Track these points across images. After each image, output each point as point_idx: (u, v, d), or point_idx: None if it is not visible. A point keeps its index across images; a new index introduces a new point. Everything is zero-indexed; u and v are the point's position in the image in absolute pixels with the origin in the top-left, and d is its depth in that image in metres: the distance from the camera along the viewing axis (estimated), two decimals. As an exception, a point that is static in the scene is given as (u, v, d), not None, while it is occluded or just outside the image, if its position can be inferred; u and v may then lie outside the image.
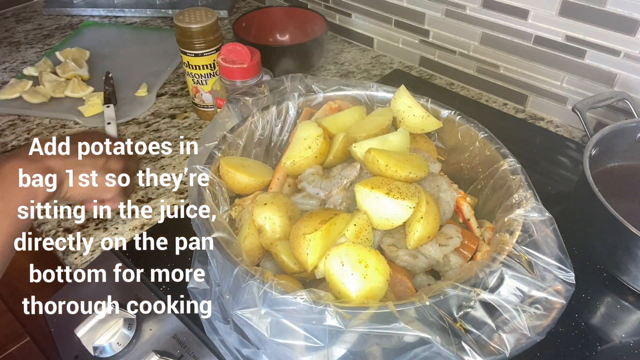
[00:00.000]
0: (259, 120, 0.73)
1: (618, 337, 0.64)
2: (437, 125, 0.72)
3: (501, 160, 0.64)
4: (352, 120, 0.71)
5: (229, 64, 0.83)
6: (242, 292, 0.49)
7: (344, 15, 1.26)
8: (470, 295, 0.49)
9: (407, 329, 0.45)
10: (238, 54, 0.83)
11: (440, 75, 1.16)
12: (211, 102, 0.98)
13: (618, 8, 0.84)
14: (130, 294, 0.67)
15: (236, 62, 0.83)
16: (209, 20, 0.92)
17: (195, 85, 0.98)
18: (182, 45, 0.95)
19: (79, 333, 0.60)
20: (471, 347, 0.47)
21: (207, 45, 0.94)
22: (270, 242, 0.60)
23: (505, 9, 0.97)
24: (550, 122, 1.01)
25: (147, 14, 1.40)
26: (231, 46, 0.84)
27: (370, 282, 0.51)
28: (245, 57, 0.83)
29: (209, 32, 0.93)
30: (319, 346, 0.48)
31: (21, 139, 0.98)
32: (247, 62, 0.83)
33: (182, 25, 0.92)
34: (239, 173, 0.66)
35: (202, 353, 0.61)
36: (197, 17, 0.92)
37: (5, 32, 1.35)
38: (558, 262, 0.53)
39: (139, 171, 0.69)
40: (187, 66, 0.97)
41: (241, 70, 0.83)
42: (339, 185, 0.62)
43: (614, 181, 0.81)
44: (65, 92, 1.07)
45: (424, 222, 0.55)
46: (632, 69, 0.87)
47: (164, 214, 0.82)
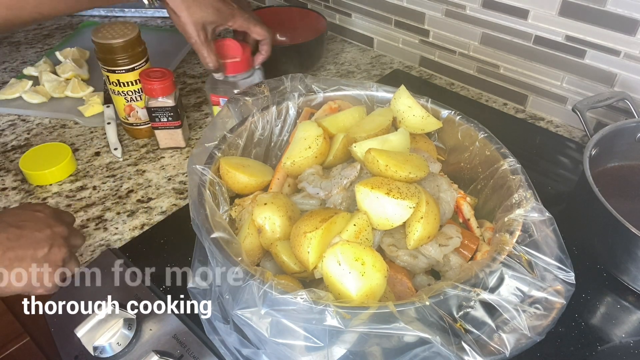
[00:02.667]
0: (259, 120, 0.73)
1: (618, 337, 0.64)
2: (437, 125, 0.72)
3: (501, 160, 0.64)
4: (352, 120, 0.71)
5: (221, 59, 0.83)
6: (242, 292, 0.49)
7: (344, 15, 1.26)
8: (470, 295, 0.49)
9: (407, 329, 0.45)
10: (230, 49, 0.84)
11: (440, 75, 1.16)
12: (146, 118, 0.93)
13: (618, 8, 0.84)
14: (130, 294, 0.67)
15: (228, 57, 0.83)
16: (133, 32, 0.86)
17: (129, 103, 0.92)
18: (108, 63, 0.87)
19: (79, 333, 0.60)
20: (471, 347, 0.47)
21: (137, 57, 0.88)
22: (270, 242, 0.60)
23: (505, 9, 0.97)
24: (550, 122, 1.01)
25: (147, 14, 1.40)
26: (221, 42, 0.84)
27: (369, 280, 0.51)
28: (237, 52, 0.83)
29: (137, 44, 0.87)
30: (319, 346, 0.48)
31: (21, 139, 0.98)
32: (239, 56, 0.83)
33: (104, 41, 0.84)
34: (239, 173, 0.66)
35: (202, 353, 0.61)
36: (119, 32, 0.86)
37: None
38: (558, 262, 0.53)
39: (83, 244, 0.68)
40: (117, 85, 0.89)
41: (234, 65, 0.84)
42: (339, 185, 0.62)
43: (614, 181, 0.81)
44: (65, 92, 1.07)
45: (424, 222, 0.55)
46: (632, 69, 0.87)
47: (164, 214, 0.82)
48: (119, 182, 0.88)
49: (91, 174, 0.90)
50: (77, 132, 0.99)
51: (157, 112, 0.89)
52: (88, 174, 0.90)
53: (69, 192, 0.86)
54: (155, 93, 0.86)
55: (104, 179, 0.88)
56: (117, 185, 0.87)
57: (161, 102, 0.88)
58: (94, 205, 0.83)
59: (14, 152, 0.95)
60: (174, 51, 1.21)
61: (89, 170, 0.90)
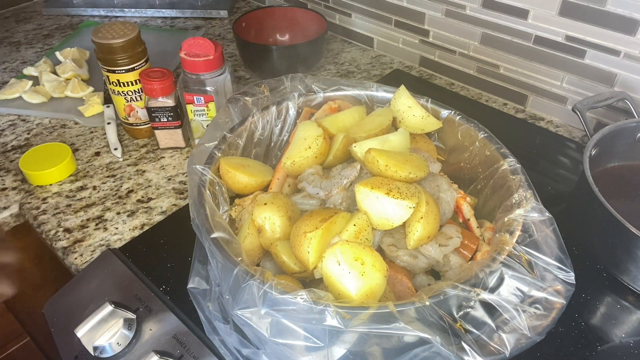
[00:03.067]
0: (259, 120, 0.73)
1: (618, 337, 0.64)
2: (437, 125, 0.72)
3: (501, 160, 0.64)
4: (352, 120, 0.71)
5: (193, 58, 0.83)
6: (242, 292, 0.49)
7: (344, 15, 1.26)
8: (470, 295, 0.49)
9: (407, 329, 0.45)
10: (202, 47, 0.84)
11: (440, 75, 1.16)
12: (146, 118, 0.94)
13: (618, 8, 0.84)
14: (130, 294, 0.67)
15: (201, 55, 0.83)
16: (133, 32, 0.86)
17: (129, 103, 0.92)
18: (108, 63, 0.87)
19: (79, 333, 0.60)
20: (471, 347, 0.47)
21: (137, 57, 0.88)
22: (270, 242, 0.60)
23: (505, 9, 0.97)
24: (550, 122, 1.01)
25: (147, 14, 1.40)
26: (193, 40, 0.84)
27: (369, 280, 0.51)
28: (210, 50, 0.84)
29: (137, 44, 0.87)
30: (319, 346, 0.48)
31: (21, 139, 0.98)
32: (212, 55, 0.84)
33: (104, 41, 0.84)
34: (239, 173, 0.66)
35: (202, 353, 0.61)
36: (119, 32, 0.86)
37: (5, 32, 1.35)
38: (558, 262, 0.53)
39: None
40: (117, 85, 0.89)
41: (207, 63, 0.84)
42: (339, 185, 0.62)
43: (614, 181, 0.81)
44: (65, 92, 1.07)
45: (424, 222, 0.55)
46: (632, 69, 0.87)
47: (164, 214, 0.82)
48: (119, 182, 0.88)
49: (91, 174, 0.90)
50: (77, 132, 0.99)
51: (157, 112, 0.89)
52: (88, 174, 0.90)
53: (69, 192, 0.86)
54: (155, 93, 0.87)
55: (104, 179, 0.88)
56: (117, 185, 0.87)
57: (161, 102, 0.88)
58: (94, 205, 0.83)
59: (14, 152, 0.95)
60: (174, 51, 1.21)
61: (89, 170, 0.90)
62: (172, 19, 1.40)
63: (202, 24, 1.37)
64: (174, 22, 1.38)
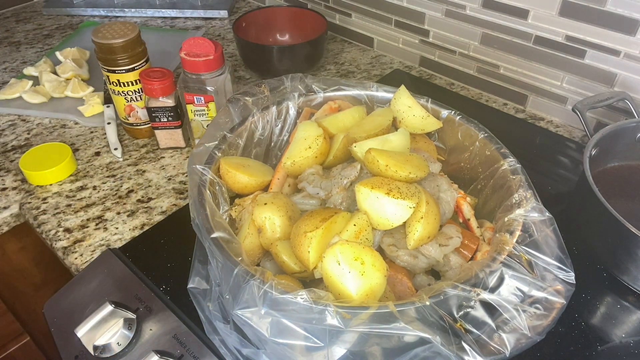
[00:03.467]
0: (259, 120, 0.73)
1: (618, 337, 0.64)
2: (437, 125, 0.72)
3: (501, 160, 0.64)
4: (352, 120, 0.71)
5: (193, 58, 0.84)
6: (242, 292, 0.49)
7: (344, 15, 1.26)
8: (470, 295, 0.49)
9: (407, 328, 0.45)
10: (202, 47, 0.84)
11: (440, 75, 1.16)
12: (147, 118, 0.94)
13: (618, 8, 0.84)
14: (130, 294, 0.67)
15: (201, 55, 0.83)
16: (133, 32, 0.86)
17: (129, 103, 0.92)
18: (108, 63, 0.87)
19: (79, 333, 0.60)
20: (471, 347, 0.47)
21: (137, 57, 0.88)
22: (270, 242, 0.60)
23: (505, 9, 0.97)
24: (550, 122, 1.01)
25: (147, 14, 1.40)
26: (193, 40, 0.84)
27: (369, 279, 0.51)
28: (210, 50, 0.84)
29: (137, 44, 0.87)
30: (319, 346, 0.48)
31: (21, 139, 0.98)
32: (212, 55, 0.84)
33: (105, 41, 0.84)
34: (239, 173, 0.66)
35: (202, 353, 0.61)
36: (119, 32, 0.86)
37: (5, 32, 1.35)
38: (558, 262, 0.53)
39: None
40: (117, 85, 0.89)
41: (207, 63, 0.84)
42: (339, 185, 0.62)
43: (614, 181, 0.81)
44: (65, 92, 1.07)
45: (424, 222, 0.55)
46: (632, 69, 0.87)
47: (164, 214, 0.82)
48: (119, 182, 0.88)
49: (91, 174, 0.90)
50: (77, 132, 0.99)
51: (157, 112, 0.89)
52: (88, 174, 0.90)
53: (69, 192, 0.86)
54: (155, 93, 0.87)
55: (104, 179, 0.88)
56: (117, 185, 0.87)
57: (161, 102, 0.88)
58: (94, 205, 0.83)
59: (14, 152, 0.95)
60: (174, 51, 1.21)
61: (89, 170, 0.90)
62: (172, 19, 1.40)
63: (202, 24, 1.37)
64: (174, 22, 1.38)
